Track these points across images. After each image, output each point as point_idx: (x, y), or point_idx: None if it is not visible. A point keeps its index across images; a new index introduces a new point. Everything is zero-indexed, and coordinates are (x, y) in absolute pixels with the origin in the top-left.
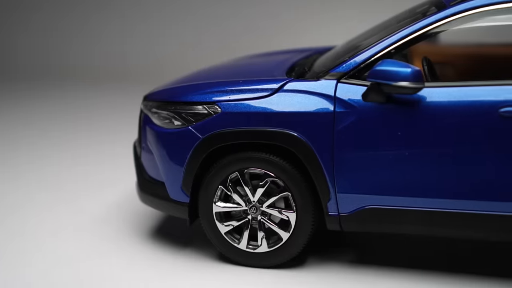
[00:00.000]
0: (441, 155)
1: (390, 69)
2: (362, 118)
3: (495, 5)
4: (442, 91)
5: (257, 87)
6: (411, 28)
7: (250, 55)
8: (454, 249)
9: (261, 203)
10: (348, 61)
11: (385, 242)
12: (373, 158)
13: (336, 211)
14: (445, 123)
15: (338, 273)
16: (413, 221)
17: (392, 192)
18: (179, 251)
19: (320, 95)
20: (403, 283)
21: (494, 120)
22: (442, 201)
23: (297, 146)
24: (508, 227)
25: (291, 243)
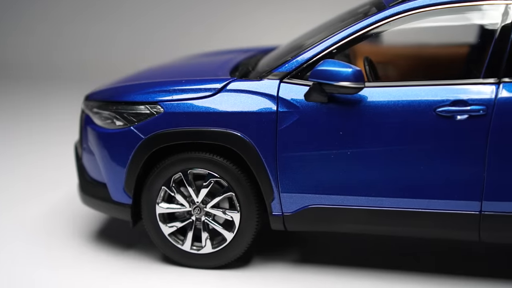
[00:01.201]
0: (381, 154)
1: (331, 69)
2: (305, 118)
3: (433, 7)
4: (382, 91)
5: (200, 87)
6: (351, 29)
7: (195, 54)
8: (397, 246)
9: (205, 203)
10: (290, 61)
11: (330, 241)
12: (316, 157)
13: (280, 211)
14: (385, 123)
15: (283, 272)
16: (355, 220)
17: (334, 191)
18: (122, 253)
19: (263, 94)
20: (347, 282)
21: (431, 119)
22: (383, 199)
23: (240, 146)
24: (447, 224)
25: (235, 243)
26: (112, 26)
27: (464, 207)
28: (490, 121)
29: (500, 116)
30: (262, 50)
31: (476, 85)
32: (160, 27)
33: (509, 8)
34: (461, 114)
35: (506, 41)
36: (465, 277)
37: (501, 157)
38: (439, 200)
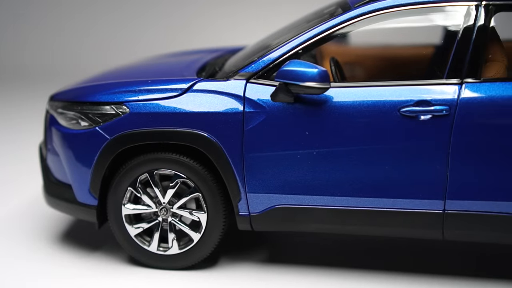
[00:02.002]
0: (347, 154)
1: (297, 69)
2: (271, 118)
3: (397, 8)
4: (347, 91)
5: (166, 87)
6: (317, 29)
7: (161, 54)
8: (364, 246)
9: (171, 204)
10: (257, 62)
11: (298, 241)
12: (282, 157)
13: (247, 211)
14: (350, 123)
15: (250, 273)
16: (322, 220)
17: (301, 191)
18: (88, 255)
19: (230, 95)
20: (314, 281)
21: (396, 119)
22: (349, 199)
23: (206, 146)
24: (412, 223)
25: (202, 244)
26: (79, 26)
27: (428, 206)
28: (453, 121)
29: (462, 116)
30: (230, 50)
31: (440, 86)
32: (129, 27)
33: (471, 9)
34: (424, 114)
35: (468, 42)
36: (428, 275)
37: (463, 156)
38: (403, 199)
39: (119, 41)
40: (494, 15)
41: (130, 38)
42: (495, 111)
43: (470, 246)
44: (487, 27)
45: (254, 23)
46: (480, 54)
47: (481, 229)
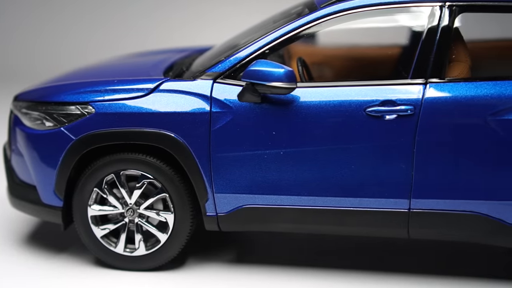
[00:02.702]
0: (313, 154)
1: (263, 69)
2: (238, 118)
3: (363, 8)
4: (314, 91)
5: (132, 87)
6: (283, 30)
7: (128, 54)
8: (332, 245)
9: (138, 205)
10: (223, 61)
11: (267, 241)
12: (249, 158)
13: (214, 211)
14: (317, 123)
15: (218, 273)
16: (289, 219)
17: (268, 191)
18: (54, 257)
19: (196, 95)
20: (283, 281)
21: (362, 119)
22: (316, 198)
23: (173, 146)
24: (378, 222)
25: (169, 245)
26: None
27: (393, 205)
28: (418, 121)
29: (426, 115)
30: (197, 50)
31: (405, 86)
32: (97, 26)
33: (435, 10)
34: (389, 114)
35: (432, 43)
36: (396, 273)
37: (428, 156)
38: (370, 198)
39: (86, 41)
40: (457, 15)
41: (97, 38)
42: (458, 111)
43: (435, 244)
44: (451, 27)
45: (223, 22)
46: (444, 55)
47: (445, 227)
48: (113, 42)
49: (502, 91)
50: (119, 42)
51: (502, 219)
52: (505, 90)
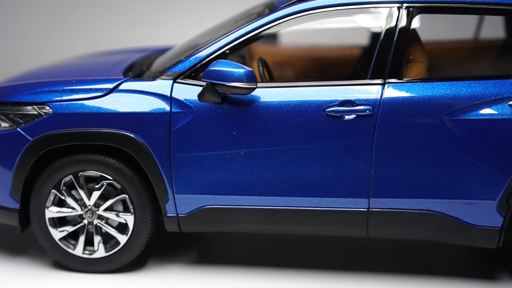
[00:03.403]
0: (274, 154)
1: (223, 69)
2: (198, 118)
3: (323, 9)
4: (274, 92)
5: (90, 87)
6: (243, 30)
7: (87, 54)
8: (293, 245)
9: (97, 206)
10: (184, 61)
11: (229, 241)
12: (210, 158)
13: (175, 212)
14: (277, 123)
15: (179, 274)
16: (250, 220)
17: (229, 192)
18: (11, 260)
19: (156, 95)
20: (243, 281)
21: (321, 119)
22: (276, 198)
23: (133, 147)
24: (338, 222)
25: (129, 246)
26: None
27: (353, 204)
28: (376, 121)
29: (385, 115)
30: (158, 50)
31: (363, 86)
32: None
33: (393, 11)
34: (349, 114)
35: (390, 44)
36: (356, 272)
37: (386, 155)
38: (330, 198)
39: (45, 41)
40: (415, 17)
41: (56, 38)
42: (416, 111)
43: (395, 243)
44: (408, 28)
45: (184, 22)
46: (402, 55)
47: (404, 226)
48: (73, 42)
49: (457, 91)
50: (79, 42)
51: (459, 218)
52: (460, 91)
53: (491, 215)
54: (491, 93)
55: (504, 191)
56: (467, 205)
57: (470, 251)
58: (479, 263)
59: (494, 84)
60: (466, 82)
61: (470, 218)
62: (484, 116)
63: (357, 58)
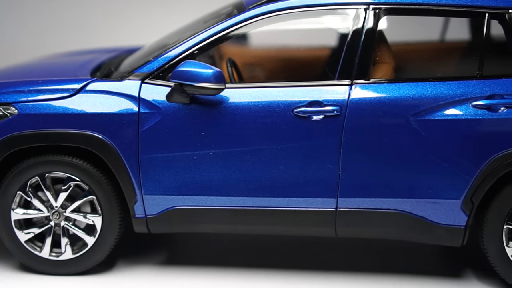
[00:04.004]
0: (243, 154)
1: (191, 70)
2: (167, 119)
3: (290, 10)
4: (243, 92)
5: (57, 87)
6: (212, 30)
7: (55, 54)
8: (263, 245)
9: (64, 208)
10: (152, 62)
11: (196, 241)
12: (179, 159)
13: (143, 213)
14: (246, 123)
15: (148, 275)
16: (219, 220)
17: (198, 192)
18: None
19: (124, 95)
20: (213, 282)
21: (289, 120)
22: (245, 199)
23: (101, 148)
24: (306, 222)
25: (97, 248)
26: None
27: (321, 204)
28: (344, 121)
29: (352, 116)
30: (127, 50)
31: (331, 87)
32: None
33: (359, 13)
34: (316, 115)
35: (357, 45)
36: (324, 272)
37: (354, 155)
38: (298, 198)
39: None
40: (381, 18)
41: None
42: (382, 111)
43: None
44: (375, 30)
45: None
46: (368, 56)
47: (371, 225)
48: (42, 42)
49: (423, 92)
50: (49, 42)
51: (425, 217)
52: (425, 91)
53: (456, 214)
54: (455, 93)
55: (468, 190)
56: (433, 204)
57: (436, 250)
58: (445, 261)
59: (458, 85)
60: (431, 83)
61: (436, 217)
62: (448, 117)
63: (325, 59)
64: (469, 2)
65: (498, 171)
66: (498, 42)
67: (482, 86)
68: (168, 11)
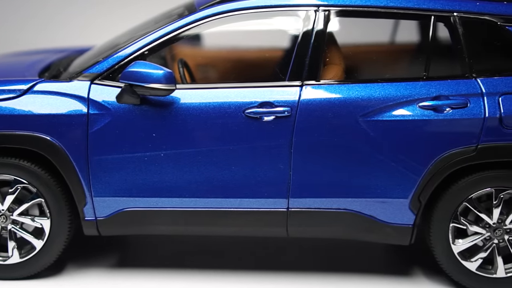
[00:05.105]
0: (194, 155)
1: (142, 70)
2: (117, 120)
3: (241, 11)
4: (194, 93)
5: (3, 88)
6: (162, 31)
7: (3, 54)
8: (215, 246)
9: (11, 211)
10: (101, 62)
11: (148, 243)
12: (129, 160)
13: (93, 216)
14: (197, 124)
15: (98, 278)
16: (171, 222)
17: (149, 194)
18: None
19: (73, 96)
20: (164, 283)
21: (241, 121)
22: (197, 200)
23: (49, 150)
24: (258, 222)
25: (46, 251)
26: None
27: (273, 205)
28: (294, 122)
29: (303, 117)
30: (77, 51)
31: (282, 88)
32: None
33: (309, 14)
34: (267, 115)
35: (308, 46)
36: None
37: (304, 156)
38: (250, 198)
39: None
40: (331, 20)
41: None
42: (332, 112)
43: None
44: (325, 31)
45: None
46: (319, 58)
47: (322, 225)
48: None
49: (371, 93)
50: None
51: (374, 216)
52: (374, 92)
53: (403, 213)
54: (403, 94)
55: (415, 190)
56: (382, 204)
57: (386, 248)
58: (394, 260)
59: (406, 86)
60: (380, 84)
61: (385, 216)
62: (396, 117)
63: (276, 60)
64: (415, 5)
65: (444, 170)
66: (444, 44)
67: (429, 87)
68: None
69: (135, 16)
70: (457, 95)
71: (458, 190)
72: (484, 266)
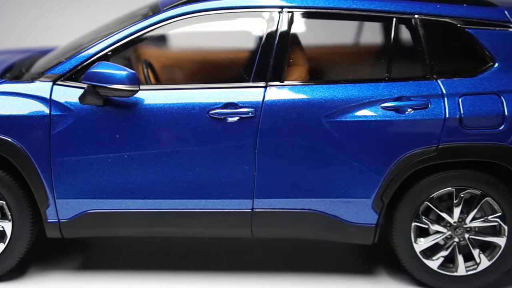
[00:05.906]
0: (158, 157)
1: (105, 71)
2: (80, 121)
3: (205, 12)
4: (158, 94)
5: None
6: (125, 32)
7: None
8: (184, 247)
9: None
10: (64, 63)
11: (112, 245)
12: (93, 162)
13: (56, 218)
14: (161, 125)
15: (61, 281)
16: (135, 223)
17: (112, 195)
18: None
19: (35, 97)
20: (129, 285)
21: (205, 122)
22: (161, 201)
23: (10, 152)
24: (223, 223)
25: (7, 254)
26: None
27: (237, 205)
28: (259, 123)
29: (267, 118)
30: (40, 51)
31: (246, 89)
32: None
33: (273, 15)
34: (232, 116)
35: (272, 47)
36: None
37: (268, 156)
38: (214, 199)
39: None
40: (294, 21)
41: None
42: (296, 113)
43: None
44: (289, 33)
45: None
46: (283, 59)
47: (287, 225)
48: None
49: (335, 94)
50: None
51: (337, 216)
52: (337, 93)
53: (366, 213)
54: (366, 95)
55: (378, 190)
56: (345, 204)
57: (349, 248)
58: (357, 259)
59: (368, 87)
60: (343, 85)
61: (348, 216)
62: (359, 118)
63: (241, 61)
64: (378, 7)
65: (406, 170)
66: (406, 46)
67: (391, 89)
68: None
69: (99, 16)
70: (419, 96)
71: (419, 189)
72: (446, 265)
